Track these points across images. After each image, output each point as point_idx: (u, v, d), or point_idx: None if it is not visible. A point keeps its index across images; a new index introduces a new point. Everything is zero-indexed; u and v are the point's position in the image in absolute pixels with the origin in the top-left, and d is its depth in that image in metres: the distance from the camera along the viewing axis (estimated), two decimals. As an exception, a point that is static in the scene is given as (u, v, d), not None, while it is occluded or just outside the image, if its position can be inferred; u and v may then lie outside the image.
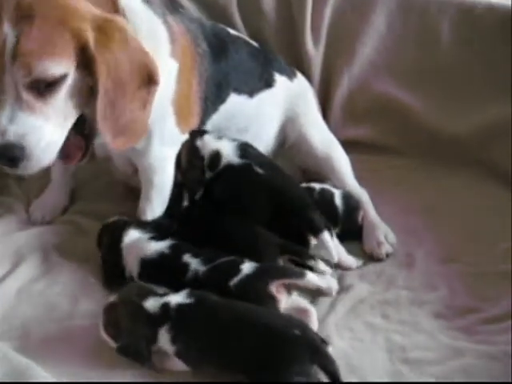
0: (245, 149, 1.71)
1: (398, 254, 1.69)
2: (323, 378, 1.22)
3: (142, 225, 1.59)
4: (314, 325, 1.41)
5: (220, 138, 1.71)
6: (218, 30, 1.80)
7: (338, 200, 1.73)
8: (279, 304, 1.39)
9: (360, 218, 1.76)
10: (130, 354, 1.31)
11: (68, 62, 1.31)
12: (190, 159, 1.68)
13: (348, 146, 1.95)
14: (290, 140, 1.90)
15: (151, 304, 1.33)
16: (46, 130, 1.33)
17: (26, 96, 1.30)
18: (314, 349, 1.24)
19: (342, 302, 1.51)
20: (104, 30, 1.33)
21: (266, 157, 1.79)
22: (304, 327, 1.30)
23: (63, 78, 1.31)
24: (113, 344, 1.33)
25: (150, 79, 1.40)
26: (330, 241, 1.59)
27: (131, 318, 1.31)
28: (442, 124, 2.07)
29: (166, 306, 1.32)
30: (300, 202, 1.65)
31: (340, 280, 1.59)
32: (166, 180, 1.66)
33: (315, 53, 2.11)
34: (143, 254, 1.50)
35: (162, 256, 1.49)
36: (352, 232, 1.73)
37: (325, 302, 1.52)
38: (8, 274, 1.57)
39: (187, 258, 1.47)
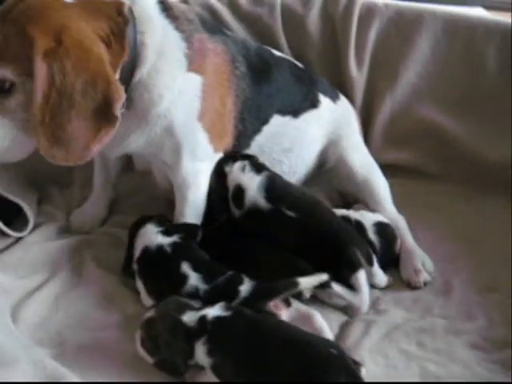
0: (271, 188, 1.62)
1: (435, 282, 1.66)
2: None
3: (163, 221, 1.59)
4: (327, 333, 1.39)
5: (243, 169, 1.64)
6: (263, 53, 1.80)
7: (371, 234, 1.69)
8: (281, 318, 1.39)
9: (398, 248, 1.72)
10: (167, 368, 1.32)
11: (17, 69, 1.32)
12: (218, 185, 1.67)
13: (388, 169, 1.94)
14: (329, 162, 1.90)
15: (189, 318, 1.32)
16: None
17: None
18: (349, 370, 1.23)
19: (377, 327, 1.49)
20: (60, 40, 1.30)
21: (296, 188, 1.70)
22: (340, 348, 1.29)
23: (6, 83, 1.33)
24: (149, 359, 1.33)
25: (106, 111, 1.34)
26: (364, 283, 1.53)
27: (169, 332, 1.31)
28: (483, 150, 2.05)
29: (203, 319, 1.31)
30: (341, 237, 1.57)
31: (375, 304, 1.58)
32: (200, 195, 1.64)
33: (358, 75, 2.11)
34: (147, 243, 1.52)
35: (159, 251, 1.50)
36: (389, 260, 1.70)
37: (359, 325, 1.50)
38: (45, 281, 1.59)
39: (186, 268, 1.46)
